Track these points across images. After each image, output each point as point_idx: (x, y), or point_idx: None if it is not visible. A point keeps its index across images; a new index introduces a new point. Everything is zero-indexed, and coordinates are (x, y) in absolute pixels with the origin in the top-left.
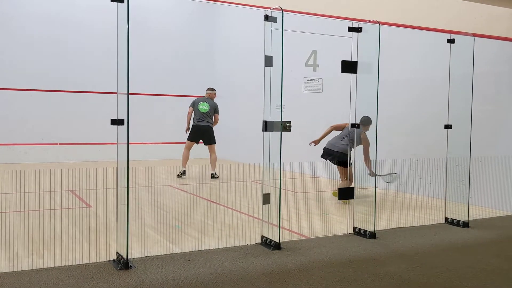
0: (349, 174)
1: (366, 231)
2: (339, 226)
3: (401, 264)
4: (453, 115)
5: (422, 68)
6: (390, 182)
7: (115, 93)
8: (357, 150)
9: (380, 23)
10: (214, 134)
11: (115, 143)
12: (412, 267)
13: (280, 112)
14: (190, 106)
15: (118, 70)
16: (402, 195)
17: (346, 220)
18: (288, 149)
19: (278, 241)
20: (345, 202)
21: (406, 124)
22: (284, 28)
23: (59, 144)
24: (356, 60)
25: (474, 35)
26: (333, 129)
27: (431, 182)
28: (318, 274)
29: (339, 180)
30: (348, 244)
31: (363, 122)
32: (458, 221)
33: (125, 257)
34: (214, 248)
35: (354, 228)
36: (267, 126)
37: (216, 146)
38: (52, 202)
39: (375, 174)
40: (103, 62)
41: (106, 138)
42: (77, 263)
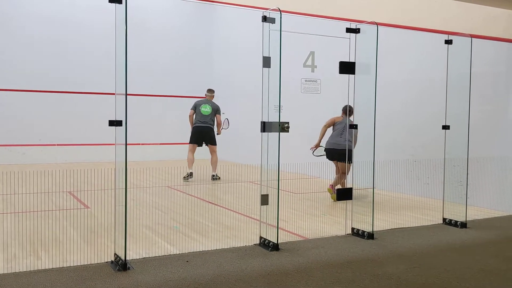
0: (347, 169)
1: (364, 232)
2: (337, 226)
3: (399, 264)
4: (450, 116)
5: (419, 69)
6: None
7: (113, 94)
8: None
9: (378, 24)
10: (215, 135)
11: (113, 144)
12: (410, 268)
13: (278, 113)
14: (192, 109)
15: (116, 71)
16: (400, 196)
17: (344, 220)
18: (286, 150)
19: (276, 242)
20: (333, 198)
21: (404, 124)
22: (282, 29)
23: (57, 145)
24: (354, 61)
25: (472, 36)
26: (326, 128)
27: (429, 182)
28: (316, 275)
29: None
30: (346, 245)
31: (346, 110)
32: (456, 221)
33: (123, 258)
34: (212, 249)
35: (352, 228)
36: (265, 127)
37: (216, 147)
38: (50, 203)
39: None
40: (101, 63)
41: (104, 139)
42: (75, 265)
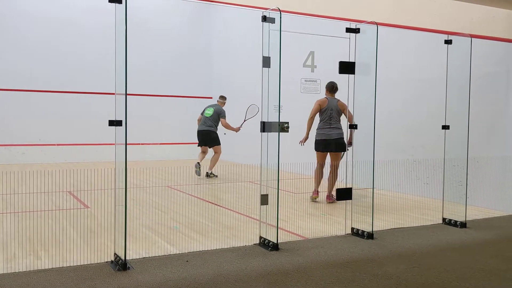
0: (338, 162)
1: (364, 232)
2: (337, 226)
3: (399, 264)
4: (450, 116)
5: (419, 68)
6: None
7: (113, 93)
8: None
9: (377, 24)
10: (216, 136)
11: (113, 144)
12: (410, 268)
13: (278, 113)
14: (200, 114)
15: (116, 71)
16: (399, 196)
17: (344, 220)
18: (286, 150)
19: (276, 241)
20: (313, 199)
21: (403, 124)
22: (282, 29)
23: (57, 144)
24: (353, 61)
25: (471, 36)
26: (312, 119)
27: (429, 182)
28: (316, 274)
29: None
30: (346, 244)
31: (335, 89)
32: (456, 221)
33: (123, 258)
34: (212, 249)
35: (352, 228)
36: (265, 127)
37: (218, 148)
38: (49, 203)
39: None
40: (101, 63)
41: (104, 139)
42: (74, 264)
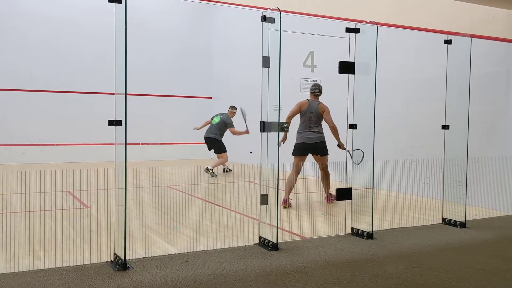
0: (325, 163)
1: (363, 232)
2: (337, 226)
3: (398, 264)
4: (450, 116)
5: (419, 68)
6: (357, 162)
7: (113, 93)
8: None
9: (377, 24)
10: (220, 144)
11: (113, 144)
12: (409, 268)
13: (277, 113)
14: (211, 118)
15: (116, 71)
16: (399, 196)
17: (344, 220)
18: (285, 149)
19: (276, 241)
20: (286, 206)
21: (403, 124)
22: (281, 28)
23: (57, 144)
24: (353, 61)
25: (471, 36)
26: (290, 119)
27: (428, 182)
28: (316, 274)
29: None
30: (345, 244)
31: (319, 92)
32: (456, 221)
33: (122, 258)
34: (212, 249)
35: (352, 228)
36: (265, 127)
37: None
38: (49, 203)
39: (345, 148)
40: (101, 63)
41: (103, 138)
42: (74, 264)
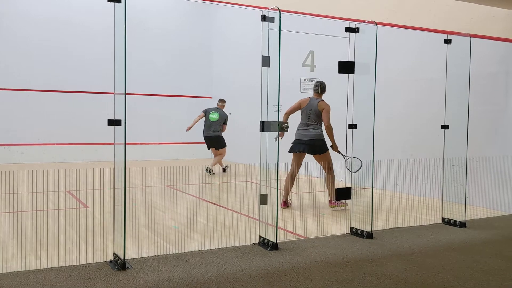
0: (328, 163)
1: (363, 231)
2: (337, 226)
3: (398, 264)
4: (450, 115)
5: (419, 68)
6: (352, 170)
7: (112, 93)
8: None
9: (377, 24)
10: (223, 140)
11: (112, 144)
12: (409, 267)
13: (277, 112)
14: (202, 111)
15: (115, 70)
16: (399, 195)
17: (343, 220)
18: (285, 149)
19: (275, 241)
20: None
21: (403, 124)
22: (281, 28)
23: (56, 144)
24: (353, 60)
25: (471, 36)
26: (288, 115)
27: (428, 182)
28: (316, 274)
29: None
30: (345, 244)
31: (321, 89)
32: (455, 221)
33: (122, 257)
34: (212, 248)
35: (351, 228)
36: (264, 126)
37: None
38: (49, 203)
39: (339, 151)
40: (100, 62)
41: (103, 138)
42: (74, 264)
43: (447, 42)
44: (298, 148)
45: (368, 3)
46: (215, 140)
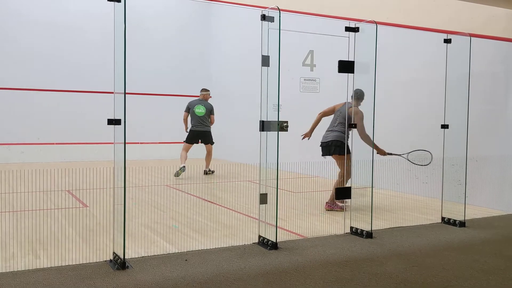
0: (346, 165)
1: (363, 231)
2: (336, 225)
3: (398, 263)
4: (449, 115)
5: (418, 68)
6: (418, 163)
7: (112, 92)
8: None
9: (377, 23)
10: (211, 136)
11: (112, 143)
12: (409, 267)
13: (277, 112)
14: (185, 111)
15: (115, 70)
16: (398, 195)
17: (343, 219)
18: (285, 149)
19: (275, 240)
20: (337, 211)
21: (402, 123)
22: (281, 27)
23: (56, 143)
24: (353, 60)
25: (471, 35)
26: (321, 116)
27: (428, 181)
28: (315, 274)
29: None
30: (345, 243)
31: (356, 95)
32: (455, 220)
33: (122, 257)
34: (211, 248)
35: (351, 227)
36: (264, 126)
37: (213, 145)
38: (48, 202)
39: (390, 153)
40: (100, 61)
41: (103, 138)
42: (74, 263)
43: (447, 41)
44: (323, 151)
45: (368, 3)
46: (204, 134)
